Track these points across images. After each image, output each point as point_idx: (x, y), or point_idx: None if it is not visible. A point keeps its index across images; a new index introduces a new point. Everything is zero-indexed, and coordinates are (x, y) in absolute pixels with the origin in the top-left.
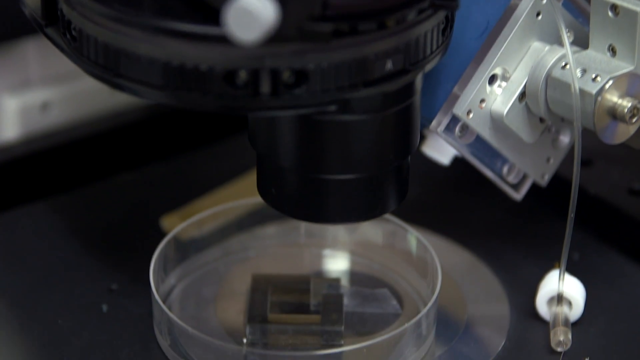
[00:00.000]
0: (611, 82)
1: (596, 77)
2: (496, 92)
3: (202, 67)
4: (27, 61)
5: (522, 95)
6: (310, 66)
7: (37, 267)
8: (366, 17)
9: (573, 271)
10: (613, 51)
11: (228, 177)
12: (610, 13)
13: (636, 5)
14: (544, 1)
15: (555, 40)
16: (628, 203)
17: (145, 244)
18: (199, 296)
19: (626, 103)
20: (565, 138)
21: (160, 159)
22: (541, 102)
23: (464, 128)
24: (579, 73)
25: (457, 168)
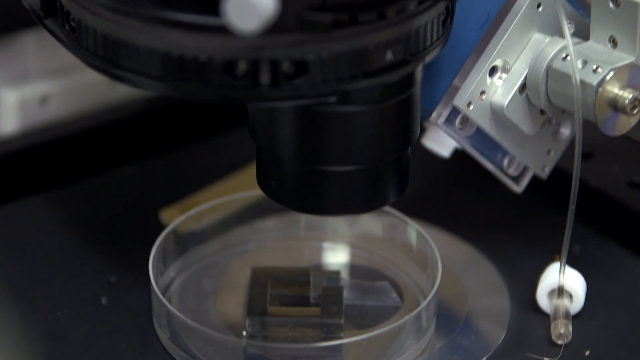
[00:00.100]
0: (612, 74)
1: (597, 69)
2: (497, 84)
3: (202, 58)
4: (26, 54)
5: (523, 87)
6: (310, 57)
7: (36, 260)
8: (366, 8)
9: (574, 264)
10: (614, 42)
11: (227, 170)
12: (611, 4)
13: None
14: None
15: (556, 31)
16: (629, 196)
17: (144, 237)
18: (199, 289)
19: (627, 94)
20: (566, 130)
21: (159, 152)
22: (542, 94)
23: (465, 120)
24: (580, 64)
25: (458, 161)
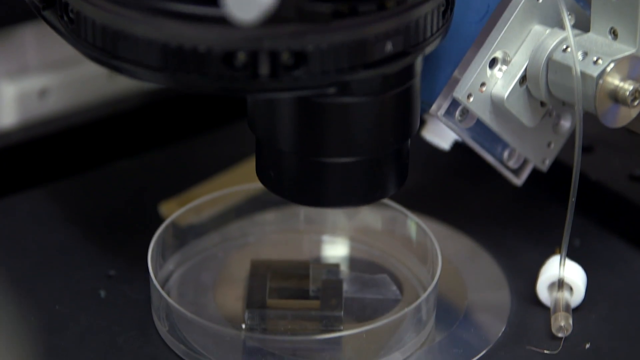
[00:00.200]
0: (612, 65)
1: (597, 60)
2: (497, 76)
3: (201, 49)
4: (25, 47)
5: (523, 78)
6: (309, 47)
7: (35, 253)
8: None
9: (574, 257)
10: (614, 34)
11: (226, 164)
12: None
13: None
14: None
15: (556, 23)
16: (629, 189)
17: (143, 230)
18: (198, 282)
19: (628, 86)
20: (566, 122)
21: (158, 146)
22: (542, 86)
23: (465, 112)
24: (580, 56)
25: (458, 153)
